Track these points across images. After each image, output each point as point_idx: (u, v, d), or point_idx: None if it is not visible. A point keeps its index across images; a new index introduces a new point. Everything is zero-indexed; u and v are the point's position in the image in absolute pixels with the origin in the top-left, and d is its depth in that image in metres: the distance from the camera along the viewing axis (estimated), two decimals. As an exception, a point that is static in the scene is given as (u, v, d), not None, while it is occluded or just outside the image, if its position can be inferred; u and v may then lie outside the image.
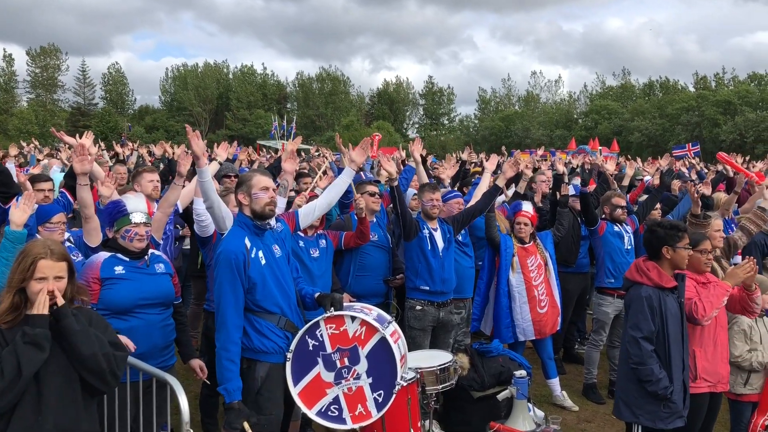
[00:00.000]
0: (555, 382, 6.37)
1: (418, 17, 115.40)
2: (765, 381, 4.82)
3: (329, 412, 3.81)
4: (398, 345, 3.85)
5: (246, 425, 3.54)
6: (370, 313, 3.91)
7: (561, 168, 7.13)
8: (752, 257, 4.36)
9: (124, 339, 3.56)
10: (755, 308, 4.53)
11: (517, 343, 6.18)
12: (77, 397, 2.97)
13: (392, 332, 3.86)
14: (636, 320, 3.98)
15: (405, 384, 4.12)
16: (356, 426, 3.85)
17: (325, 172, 6.89)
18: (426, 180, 6.91)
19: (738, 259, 6.71)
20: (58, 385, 2.91)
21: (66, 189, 6.30)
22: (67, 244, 4.70)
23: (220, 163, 6.48)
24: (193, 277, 7.28)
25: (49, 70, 71.74)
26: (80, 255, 4.57)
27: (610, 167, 7.61)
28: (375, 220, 5.94)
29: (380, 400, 3.79)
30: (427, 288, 5.59)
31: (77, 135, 6.01)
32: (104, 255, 3.92)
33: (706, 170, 13.21)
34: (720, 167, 11.14)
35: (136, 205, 4.02)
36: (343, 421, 3.81)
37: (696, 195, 6.13)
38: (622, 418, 4.19)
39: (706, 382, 4.30)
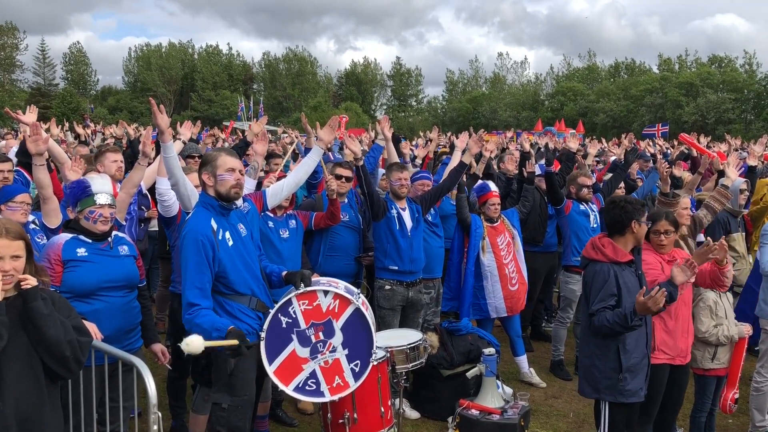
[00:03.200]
0: (523, 359, 6.44)
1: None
2: (731, 355, 4.94)
3: (306, 387, 3.80)
4: (369, 313, 3.88)
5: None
6: (338, 286, 3.90)
7: (527, 146, 7.20)
8: (718, 240, 4.38)
9: (91, 326, 3.48)
10: (726, 282, 4.60)
11: (485, 320, 6.24)
12: (39, 382, 2.90)
13: (362, 302, 3.88)
14: (600, 295, 3.98)
15: (376, 362, 4.13)
16: (335, 397, 3.85)
17: (295, 154, 6.81)
18: (395, 158, 6.88)
19: (701, 237, 6.85)
20: (18, 370, 2.82)
21: (21, 167, 6.14)
22: (32, 226, 4.58)
23: (184, 143, 6.37)
24: (161, 259, 7.18)
25: (7, 50, 69.49)
26: (44, 237, 4.46)
27: (573, 145, 7.70)
28: (346, 200, 5.90)
29: (357, 370, 3.81)
30: (396, 268, 5.59)
31: (27, 111, 5.83)
32: (66, 236, 3.82)
33: (671, 149, 13.41)
34: (684, 147, 11.32)
35: (101, 185, 3.91)
36: (321, 395, 3.81)
37: (665, 173, 6.22)
38: (586, 396, 4.24)
39: (664, 354, 4.37)
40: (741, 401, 5.31)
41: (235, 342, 3.39)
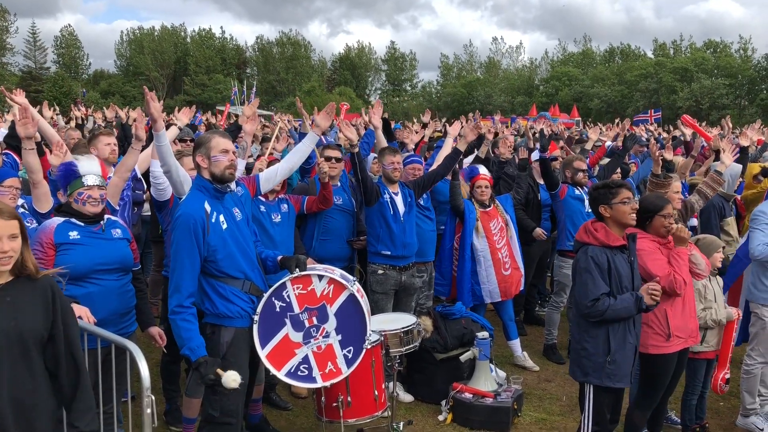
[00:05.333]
0: (516, 343, 6.47)
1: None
2: (720, 338, 4.97)
3: (299, 372, 3.80)
4: (364, 301, 3.87)
5: (220, 371, 3.47)
6: (334, 272, 3.89)
7: (530, 144, 7.15)
8: (715, 224, 4.37)
9: (83, 311, 3.46)
10: (695, 268, 4.54)
11: (479, 305, 6.25)
12: (33, 368, 2.88)
13: (357, 289, 3.86)
14: (586, 285, 3.97)
15: (370, 346, 4.13)
16: (327, 384, 3.85)
17: (278, 137, 6.78)
18: (385, 145, 6.86)
19: (694, 221, 6.87)
20: (12, 357, 2.81)
21: (10, 149, 6.09)
22: (21, 210, 4.54)
23: (180, 128, 6.33)
24: (154, 243, 7.16)
25: (-4, 33, 68.87)
26: (34, 221, 4.43)
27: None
28: (339, 184, 5.88)
29: (350, 356, 3.80)
30: (389, 253, 5.60)
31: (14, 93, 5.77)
32: (58, 220, 3.80)
33: (664, 135, 13.43)
34: (678, 132, 11.33)
35: (88, 167, 3.88)
36: (314, 380, 3.81)
37: (657, 154, 6.22)
38: (575, 378, 4.26)
39: (679, 339, 4.34)
40: (732, 384, 5.36)
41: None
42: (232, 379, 3.42)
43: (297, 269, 3.76)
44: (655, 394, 4.45)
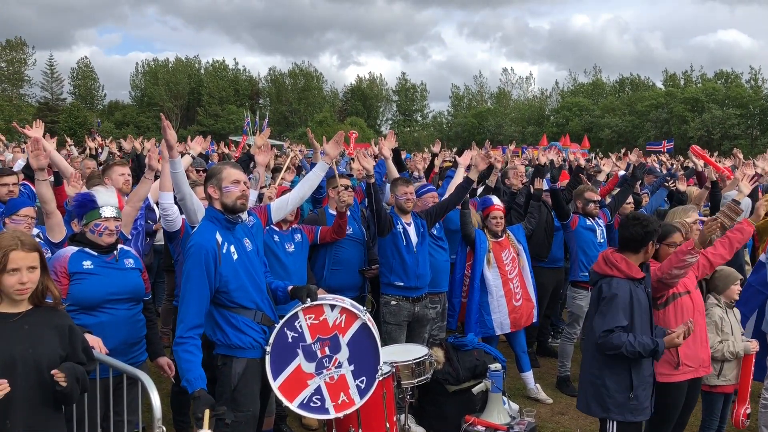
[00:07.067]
0: (529, 375, 6.39)
1: (386, 13, 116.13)
2: (738, 371, 4.89)
3: (311, 404, 3.76)
4: (376, 330, 3.85)
5: (206, 413, 3.31)
6: (344, 302, 3.88)
7: (543, 159, 7.11)
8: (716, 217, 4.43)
9: (96, 341, 3.46)
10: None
11: (491, 336, 6.19)
12: (46, 398, 2.89)
13: (368, 319, 3.84)
14: (604, 315, 3.95)
15: (381, 377, 4.10)
16: (340, 415, 3.81)
17: (289, 168, 6.83)
18: (396, 175, 6.88)
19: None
20: (27, 387, 2.82)
21: (27, 180, 6.17)
22: (36, 240, 4.58)
23: (194, 157, 6.39)
24: (166, 272, 7.19)
25: (15, 65, 69.86)
26: (48, 251, 4.47)
27: (543, 158, 7.73)
28: (349, 213, 5.89)
29: (363, 386, 3.77)
30: (402, 284, 5.57)
31: (33, 125, 5.86)
32: (72, 249, 3.84)
33: (675, 164, 13.39)
34: (690, 164, 11.29)
35: (106, 198, 3.93)
36: (326, 411, 3.77)
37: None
38: (592, 414, 4.19)
39: (688, 368, 4.31)
40: (751, 419, 5.25)
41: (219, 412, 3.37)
42: None
43: (308, 299, 3.75)
44: (666, 425, 4.37)
